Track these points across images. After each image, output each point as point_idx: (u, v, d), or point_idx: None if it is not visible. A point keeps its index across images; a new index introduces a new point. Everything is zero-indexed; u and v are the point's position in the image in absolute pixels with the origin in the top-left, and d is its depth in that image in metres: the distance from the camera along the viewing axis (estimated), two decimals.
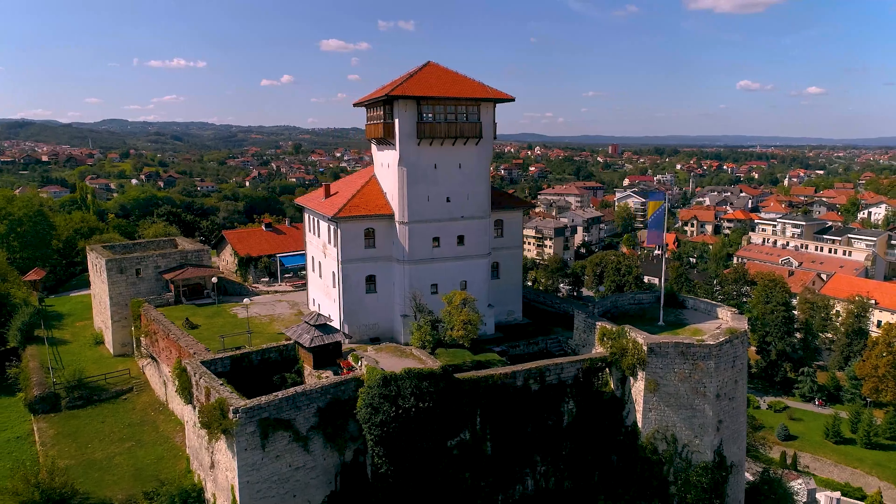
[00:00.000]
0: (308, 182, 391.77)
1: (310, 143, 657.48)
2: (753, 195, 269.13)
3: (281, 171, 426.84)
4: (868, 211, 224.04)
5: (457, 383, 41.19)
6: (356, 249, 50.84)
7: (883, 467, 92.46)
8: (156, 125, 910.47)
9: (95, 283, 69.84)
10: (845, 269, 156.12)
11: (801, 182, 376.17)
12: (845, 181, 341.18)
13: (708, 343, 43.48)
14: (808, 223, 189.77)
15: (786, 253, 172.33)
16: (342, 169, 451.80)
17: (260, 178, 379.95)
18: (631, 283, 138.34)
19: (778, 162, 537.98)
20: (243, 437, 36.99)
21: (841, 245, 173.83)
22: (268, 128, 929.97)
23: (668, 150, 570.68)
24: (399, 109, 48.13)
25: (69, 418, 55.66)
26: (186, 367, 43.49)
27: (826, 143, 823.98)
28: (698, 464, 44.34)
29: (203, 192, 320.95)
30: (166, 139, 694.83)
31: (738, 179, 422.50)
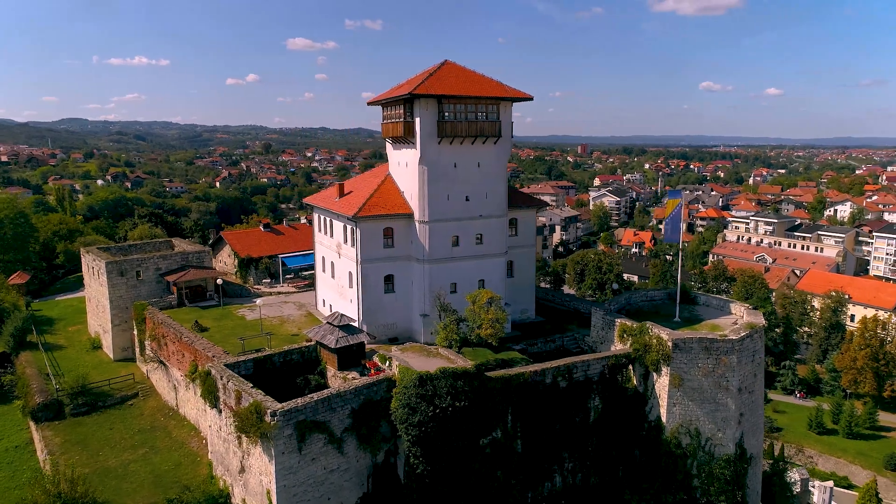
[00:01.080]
0: (280, 182, 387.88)
1: (278, 142, 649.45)
2: (724, 194, 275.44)
3: (251, 171, 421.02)
4: (834, 208, 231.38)
5: (489, 382, 41.26)
6: (375, 249, 50.49)
7: (865, 456, 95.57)
8: (117, 124, 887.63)
9: (91, 285, 67.85)
10: (817, 265, 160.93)
11: (765, 181, 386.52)
12: (808, 180, 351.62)
13: (731, 338, 44.39)
14: (779, 221, 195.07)
15: (760, 250, 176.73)
16: (314, 169, 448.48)
17: (230, 178, 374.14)
18: (612, 280, 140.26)
19: (742, 161, 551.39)
20: (281, 441, 36.46)
21: (811, 242, 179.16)
22: (234, 127, 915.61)
23: (636, 150, 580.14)
24: (420, 108, 47.94)
25: (75, 426, 53.98)
26: (211, 370, 42.60)
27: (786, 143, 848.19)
28: (721, 457, 45.23)
29: (172, 192, 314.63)
30: (129, 139, 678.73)
31: (705, 179, 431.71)
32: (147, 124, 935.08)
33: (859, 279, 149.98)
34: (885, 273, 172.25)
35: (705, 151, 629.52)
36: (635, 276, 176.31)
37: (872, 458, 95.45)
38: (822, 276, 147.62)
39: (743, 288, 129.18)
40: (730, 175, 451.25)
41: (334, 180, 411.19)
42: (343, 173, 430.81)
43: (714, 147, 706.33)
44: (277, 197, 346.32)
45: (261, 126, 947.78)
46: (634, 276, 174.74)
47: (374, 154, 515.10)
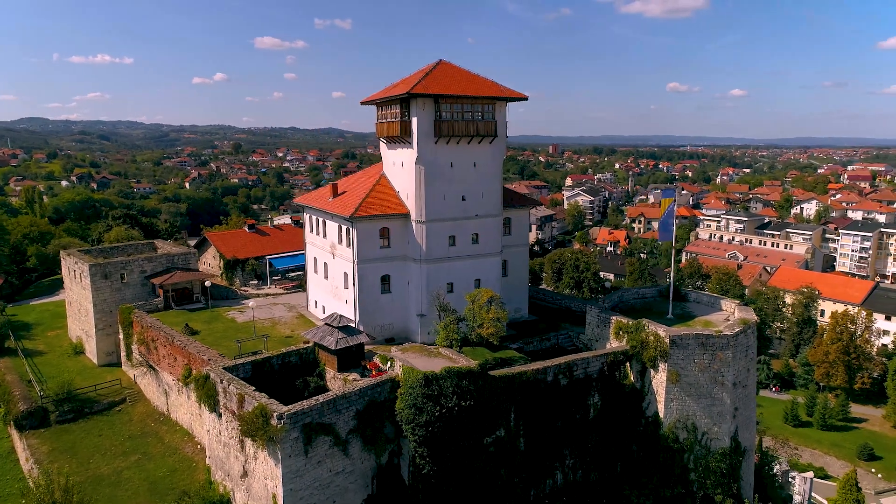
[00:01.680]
0: (251, 183, 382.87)
1: (247, 142, 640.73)
2: (694, 193, 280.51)
3: (221, 171, 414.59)
4: (800, 207, 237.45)
5: (492, 381, 41.38)
6: (372, 249, 50.22)
7: (839, 447, 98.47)
8: (80, 124, 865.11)
9: (73, 289, 66.10)
10: (787, 261, 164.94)
11: (732, 180, 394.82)
12: (773, 179, 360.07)
13: (726, 334, 45.30)
14: (749, 219, 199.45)
15: (731, 247, 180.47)
16: (285, 169, 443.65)
17: (200, 178, 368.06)
18: (589, 279, 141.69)
19: (709, 161, 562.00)
20: (287, 444, 36.04)
21: (780, 239, 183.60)
22: (201, 127, 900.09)
23: (606, 150, 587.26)
24: (417, 108, 47.83)
25: (61, 433, 52.55)
26: (210, 374, 41.87)
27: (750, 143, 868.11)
28: (717, 450, 46.13)
29: (141, 193, 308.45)
30: (93, 139, 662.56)
31: (675, 178, 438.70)
32: (111, 124, 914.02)
33: (828, 275, 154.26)
34: (851, 269, 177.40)
35: (673, 151, 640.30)
36: (612, 274, 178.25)
37: (846, 449, 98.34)
38: (792, 272, 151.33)
39: (718, 285, 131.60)
40: (698, 174, 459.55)
41: (306, 180, 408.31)
42: (315, 173, 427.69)
43: (682, 147, 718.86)
44: (249, 197, 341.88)
45: (229, 126, 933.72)
46: (611, 275, 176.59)
47: (347, 154, 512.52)
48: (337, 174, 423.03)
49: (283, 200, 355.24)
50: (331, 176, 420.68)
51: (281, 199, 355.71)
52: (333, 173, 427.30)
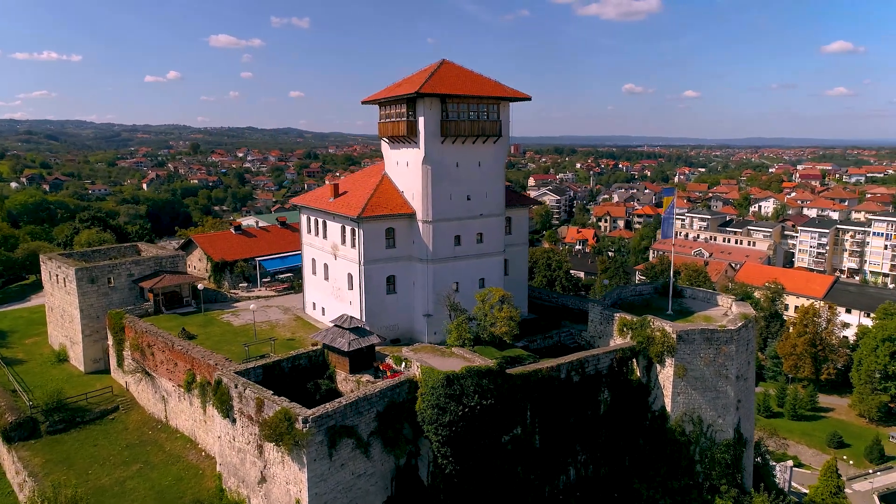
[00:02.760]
0: (212, 184, 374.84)
1: (203, 142, 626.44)
2: (656, 192, 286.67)
3: (179, 172, 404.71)
4: (758, 205, 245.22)
5: (510, 379, 41.61)
6: (378, 250, 49.90)
7: (809, 436, 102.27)
8: (25, 123, 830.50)
9: (55, 294, 63.65)
10: (751, 257, 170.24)
11: (689, 179, 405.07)
12: (729, 178, 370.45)
13: (730, 328, 46.56)
14: (712, 217, 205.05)
15: (697, 245, 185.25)
16: (246, 170, 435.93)
17: (158, 179, 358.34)
18: (561, 277, 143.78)
19: (665, 160, 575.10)
20: (313, 448, 35.57)
21: (742, 236, 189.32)
22: (155, 126, 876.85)
23: (567, 150, 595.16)
24: (424, 107, 47.71)
25: (53, 444, 50.60)
26: (222, 379, 40.93)
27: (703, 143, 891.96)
28: (721, 442, 47.37)
29: (96, 195, 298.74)
30: (40, 138, 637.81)
31: (634, 177, 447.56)
32: (59, 123, 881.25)
33: (790, 270, 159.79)
34: (809, 264, 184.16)
35: (631, 151, 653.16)
36: (582, 272, 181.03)
37: (816, 438, 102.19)
38: (756, 268, 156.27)
39: (688, 281, 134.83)
40: (656, 174, 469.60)
41: (268, 181, 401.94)
42: (277, 174, 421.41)
43: (639, 147, 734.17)
44: (210, 199, 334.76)
45: (184, 125, 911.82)
46: (581, 273, 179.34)
47: (308, 154, 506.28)
48: (300, 174, 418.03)
49: (245, 201, 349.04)
50: (293, 176, 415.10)
51: (243, 200, 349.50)
52: (296, 174, 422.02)
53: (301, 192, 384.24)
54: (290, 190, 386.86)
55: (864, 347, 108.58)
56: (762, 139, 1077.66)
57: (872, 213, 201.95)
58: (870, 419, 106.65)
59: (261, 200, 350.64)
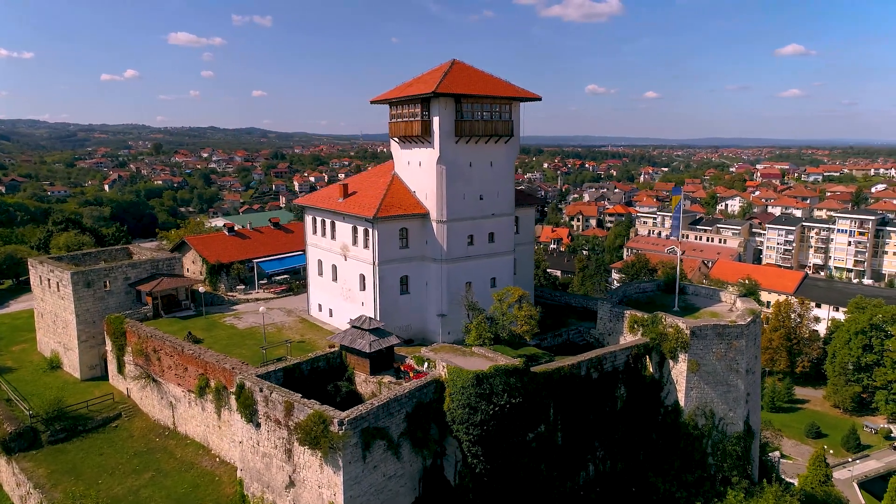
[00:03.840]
0: (177, 184, 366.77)
1: (164, 142, 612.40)
2: (626, 191, 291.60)
3: (142, 172, 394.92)
4: (725, 203, 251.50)
5: (535, 377, 41.89)
6: (392, 250, 49.70)
7: (788, 427, 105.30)
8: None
9: (46, 299, 61.51)
10: (722, 255, 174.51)
11: (653, 178, 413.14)
12: (693, 177, 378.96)
13: (740, 324, 47.75)
14: (683, 215, 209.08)
15: (669, 242, 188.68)
16: (212, 170, 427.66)
17: (121, 180, 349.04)
18: (540, 275, 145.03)
19: (629, 160, 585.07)
20: (348, 450, 35.21)
21: (712, 234, 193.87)
22: (113, 126, 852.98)
23: (533, 150, 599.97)
24: (439, 107, 47.70)
25: (56, 454, 49.00)
26: (245, 383, 40.18)
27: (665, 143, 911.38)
28: (733, 434, 48.54)
29: (57, 197, 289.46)
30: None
31: (601, 177, 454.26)
32: (10, 122, 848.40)
33: (762, 267, 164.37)
34: (777, 261, 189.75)
35: (597, 151, 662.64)
36: (558, 270, 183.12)
37: (795, 429, 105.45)
38: (729, 265, 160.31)
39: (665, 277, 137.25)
40: (622, 173, 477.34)
41: (235, 181, 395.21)
42: (244, 174, 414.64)
43: (603, 147, 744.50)
44: (176, 200, 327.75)
45: (143, 125, 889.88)
46: (557, 271, 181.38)
47: (275, 154, 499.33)
48: (267, 175, 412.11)
49: (212, 202, 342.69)
50: (260, 177, 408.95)
51: (210, 201, 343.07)
52: (263, 174, 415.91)
53: (269, 193, 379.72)
54: (258, 191, 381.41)
55: (837, 340, 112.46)
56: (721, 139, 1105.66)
57: (834, 211, 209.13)
58: (844, 409, 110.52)
59: (228, 201, 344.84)
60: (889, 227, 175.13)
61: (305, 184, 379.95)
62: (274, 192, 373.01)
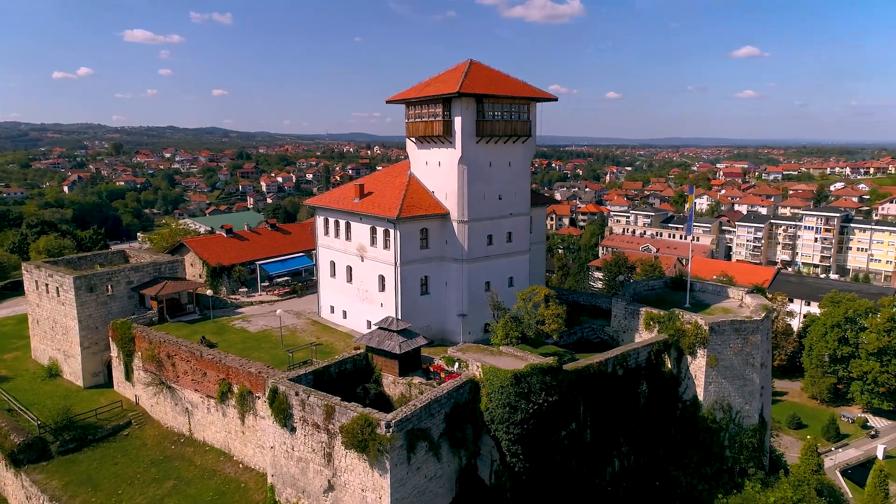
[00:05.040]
0: (140, 185, 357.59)
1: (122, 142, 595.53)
2: (596, 190, 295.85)
3: (102, 173, 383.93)
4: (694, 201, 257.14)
5: (567, 375, 42.28)
6: (413, 251, 49.53)
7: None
8: None
9: (43, 305, 59.29)
10: (696, 252, 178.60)
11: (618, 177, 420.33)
12: (658, 176, 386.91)
13: (756, 319, 49.04)
14: (655, 214, 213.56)
15: (644, 241, 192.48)
16: (175, 171, 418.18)
17: (81, 181, 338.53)
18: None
19: (594, 160, 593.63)
20: (395, 452, 34.98)
21: (682, 231, 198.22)
22: (67, 125, 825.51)
23: None
24: (461, 107, 47.70)
25: (68, 465, 47.33)
26: (279, 387, 39.50)
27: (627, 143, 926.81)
28: (749, 427, 49.83)
29: (13, 198, 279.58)
30: None
31: (567, 176, 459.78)
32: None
33: (735, 263, 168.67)
34: (746, 257, 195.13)
35: (562, 151, 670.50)
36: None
37: (774, 420, 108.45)
38: (704, 262, 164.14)
39: (644, 275, 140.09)
40: (588, 172, 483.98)
41: (200, 182, 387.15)
42: (209, 175, 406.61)
43: (567, 146, 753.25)
44: (139, 201, 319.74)
45: (99, 124, 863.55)
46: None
47: (240, 154, 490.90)
48: (233, 175, 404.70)
49: (177, 203, 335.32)
50: (226, 177, 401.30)
51: (175, 203, 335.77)
52: (229, 174, 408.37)
53: (235, 193, 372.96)
54: (224, 191, 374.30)
55: (813, 334, 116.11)
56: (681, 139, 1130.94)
57: (798, 208, 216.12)
58: (821, 400, 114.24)
59: (194, 202, 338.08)
60: (853, 223, 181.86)
61: (273, 184, 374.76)
62: (241, 193, 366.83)
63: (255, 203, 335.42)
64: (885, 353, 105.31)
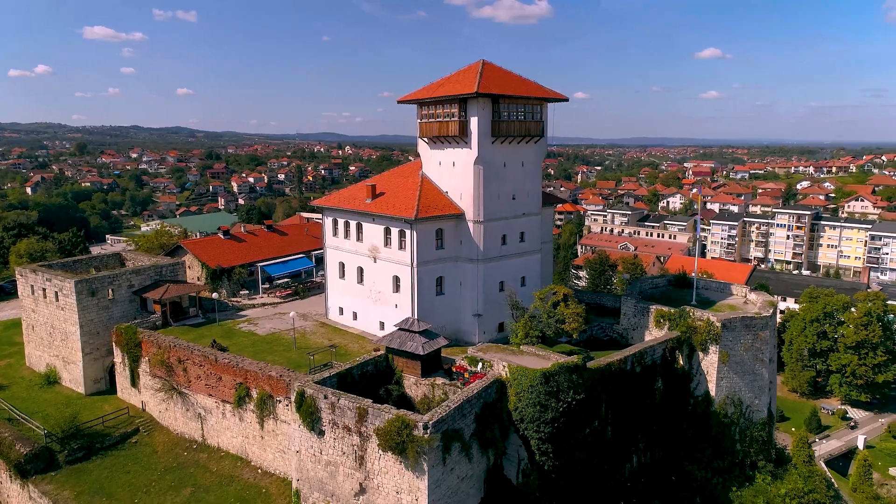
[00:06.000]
0: (106, 186, 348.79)
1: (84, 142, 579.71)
2: (571, 189, 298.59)
3: (66, 174, 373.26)
4: (667, 200, 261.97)
5: (591, 373, 42.64)
6: (428, 251, 49.40)
7: None
8: None
9: (39, 310, 57.43)
10: (673, 249, 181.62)
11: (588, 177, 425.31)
12: (628, 176, 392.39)
13: (765, 315, 50.19)
14: (632, 213, 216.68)
15: (622, 239, 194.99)
16: (143, 171, 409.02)
17: (45, 182, 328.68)
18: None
19: (564, 159, 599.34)
20: (432, 453, 34.89)
21: (661, 230, 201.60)
22: (25, 125, 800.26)
23: None
24: (478, 107, 47.73)
25: (77, 474, 45.99)
26: (306, 391, 39.00)
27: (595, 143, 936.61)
28: (758, 421, 50.99)
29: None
30: None
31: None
32: None
33: (713, 261, 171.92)
34: (721, 254, 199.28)
35: None
36: None
37: None
38: (682, 259, 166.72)
39: (626, 272, 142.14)
40: (559, 171, 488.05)
41: (170, 183, 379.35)
42: (179, 175, 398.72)
43: None
44: (107, 202, 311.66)
45: (59, 124, 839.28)
46: None
47: (209, 154, 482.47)
48: (203, 176, 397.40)
49: (146, 205, 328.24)
50: (196, 178, 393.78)
51: (143, 204, 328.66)
52: (199, 175, 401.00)
53: (206, 194, 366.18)
54: (194, 192, 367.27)
55: (793, 329, 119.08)
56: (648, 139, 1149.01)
57: (768, 207, 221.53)
58: (801, 393, 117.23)
59: (163, 203, 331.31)
60: (823, 221, 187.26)
61: (245, 185, 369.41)
62: (211, 194, 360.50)
63: (226, 204, 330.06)
64: (862, 346, 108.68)
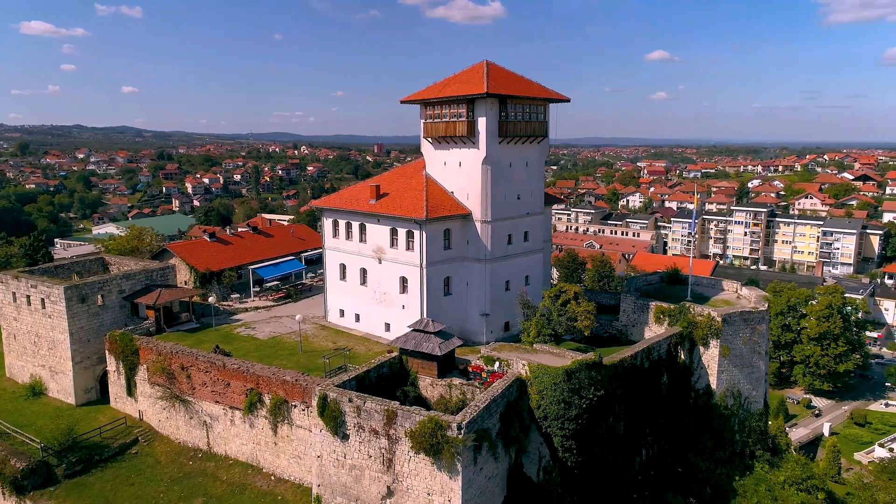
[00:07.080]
0: (53, 188, 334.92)
1: (24, 142, 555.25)
2: None
3: (7, 175, 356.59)
4: (626, 199, 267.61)
5: (607, 369, 43.30)
6: (437, 251, 49.30)
7: None
8: None
9: (22, 318, 54.80)
10: (637, 247, 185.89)
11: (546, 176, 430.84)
12: (585, 175, 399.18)
13: (762, 309, 51.94)
14: (595, 212, 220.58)
15: (587, 237, 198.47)
16: (91, 172, 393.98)
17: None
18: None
19: None
20: (464, 454, 34.86)
21: (623, 228, 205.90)
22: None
23: None
24: (485, 108, 47.87)
25: (78, 489, 44.12)
26: (329, 394, 38.40)
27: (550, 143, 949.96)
28: (755, 412, 52.72)
29: None
30: None
31: None
32: None
33: (677, 257, 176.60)
34: (681, 251, 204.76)
35: None
36: None
37: None
38: (646, 256, 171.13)
39: (595, 270, 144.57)
40: None
41: (121, 184, 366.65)
42: (130, 176, 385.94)
43: None
44: (54, 205, 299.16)
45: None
46: None
47: (161, 155, 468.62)
48: (155, 177, 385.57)
49: (95, 207, 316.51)
50: (148, 179, 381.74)
51: (93, 206, 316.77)
52: (151, 176, 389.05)
53: (159, 196, 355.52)
54: (147, 193, 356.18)
55: None
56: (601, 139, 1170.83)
57: (723, 205, 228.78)
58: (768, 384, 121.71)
59: (114, 206, 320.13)
60: (778, 218, 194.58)
61: (199, 186, 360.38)
62: (165, 195, 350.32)
63: (181, 206, 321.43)
64: (824, 337, 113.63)
